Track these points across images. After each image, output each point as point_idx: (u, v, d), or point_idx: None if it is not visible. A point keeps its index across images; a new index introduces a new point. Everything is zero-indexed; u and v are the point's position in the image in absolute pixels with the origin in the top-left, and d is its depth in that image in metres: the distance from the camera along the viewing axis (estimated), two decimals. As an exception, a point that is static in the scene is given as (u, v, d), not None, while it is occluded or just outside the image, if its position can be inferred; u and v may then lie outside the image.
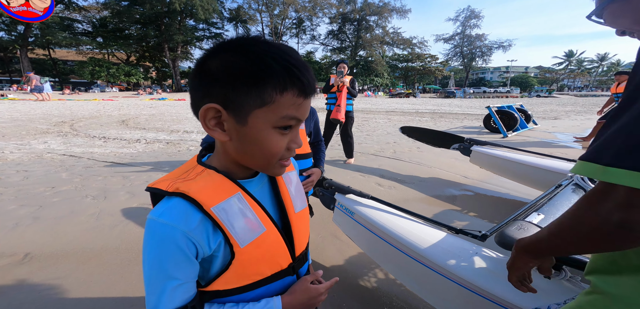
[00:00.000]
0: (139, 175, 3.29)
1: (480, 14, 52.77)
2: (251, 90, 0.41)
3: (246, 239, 0.46)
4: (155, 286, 0.42)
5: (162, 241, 0.41)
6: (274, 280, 0.50)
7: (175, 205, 0.42)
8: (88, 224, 2.09)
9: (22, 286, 1.44)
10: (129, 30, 39.76)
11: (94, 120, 8.17)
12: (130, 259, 1.69)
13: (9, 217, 2.17)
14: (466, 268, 1.00)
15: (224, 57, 0.42)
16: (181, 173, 0.47)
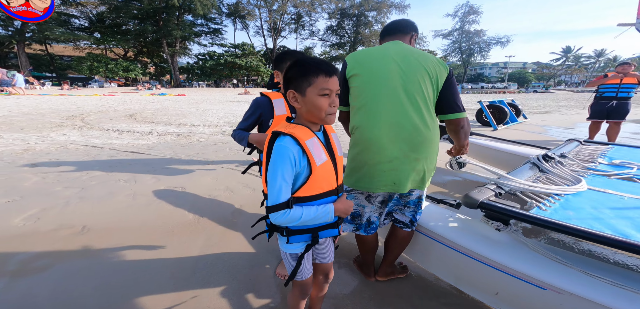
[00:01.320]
0: (159, 162, 3.61)
1: (479, 10, 52.90)
2: (303, 79, 0.83)
3: (318, 161, 0.85)
4: (276, 183, 0.80)
5: (283, 156, 0.80)
6: (327, 196, 0.89)
7: (289, 139, 0.82)
8: (126, 203, 2.42)
9: (86, 251, 1.76)
10: (127, 26, 39.51)
11: (102, 114, 8.43)
12: (168, 230, 2.01)
13: (58, 197, 2.49)
14: (443, 228, 1.33)
15: (291, 70, 0.86)
16: (285, 126, 0.86)
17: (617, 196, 1.21)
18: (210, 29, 46.23)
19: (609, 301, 0.83)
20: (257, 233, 1.04)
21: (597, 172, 1.54)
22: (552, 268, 0.98)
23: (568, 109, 11.96)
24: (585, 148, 2.10)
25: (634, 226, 0.95)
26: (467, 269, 1.22)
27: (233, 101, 15.02)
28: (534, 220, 1.00)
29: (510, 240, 1.14)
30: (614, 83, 4.03)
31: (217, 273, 1.59)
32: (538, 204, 1.15)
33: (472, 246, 1.19)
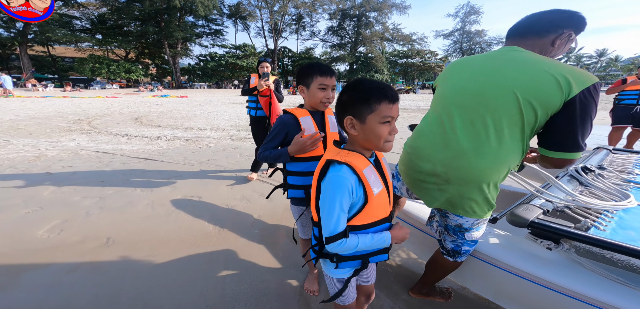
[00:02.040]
0: (173, 170, 3.57)
1: (480, 10, 52.83)
2: (364, 105, 0.78)
3: (375, 190, 0.81)
4: (334, 213, 0.77)
5: (341, 186, 0.77)
6: (382, 223, 0.85)
7: (346, 168, 0.78)
8: (146, 213, 2.38)
9: (115, 264, 1.73)
10: (129, 27, 39.56)
11: (108, 118, 8.40)
12: (190, 243, 1.98)
13: (78, 207, 2.46)
14: (483, 245, 1.26)
15: (349, 93, 0.80)
16: (338, 153, 0.82)
17: (672, 212, 1.17)
18: (211, 30, 46.27)
19: None
20: (304, 262, 1.00)
21: (638, 184, 1.50)
22: (614, 290, 0.95)
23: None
24: (616, 157, 2.06)
25: None
26: (510, 287, 1.18)
27: (236, 103, 14.99)
28: (597, 243, 0.96)
29: (564, 260, 1.10)
30: (635, 89, 3.70)
31: (245, 286, 1.56)
32: (593, 223, 1.10)
33: (521, 265, 1.14)
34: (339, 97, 0.84)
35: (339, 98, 0.84)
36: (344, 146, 0.87)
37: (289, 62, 53.31)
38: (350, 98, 0.79)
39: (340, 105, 0.83)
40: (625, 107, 3.79)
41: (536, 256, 1.15)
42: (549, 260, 1.12)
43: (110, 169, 3.52)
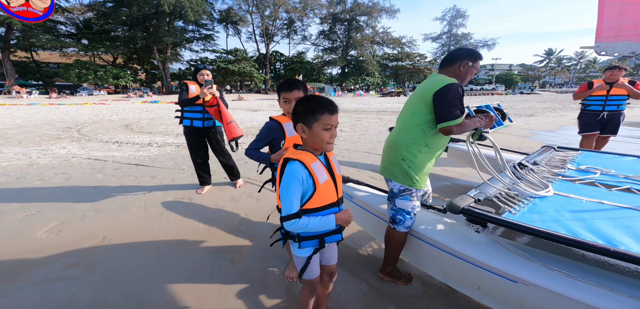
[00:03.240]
0: (164, 174, 3.73)
1: (466, 14, 54.50)
2: (310, 115, 1.02)
3: (321, 180, 1.04)
4: (288, 198, 1.00)
5: (293, 177, 1.00)
6: (330, 207, 1.08)
7: (297, 163, 1.02)
8: (139, 214, 2.55)
9: (112, 259, 1.90)
10: (116, 32, 38.90)
11: (97, 125, 8.41)
12: (182, 239, 2.17)
13: (74, 210, 2.60)
14: (431, 231, 1.50)
15: (301, 106, 1.05)
16: (294, 152, 1.05)
17: (577, 199, 1.44)
18: (201, 35, 46.02)
19: (564, 290, 1.02)
20: (273, 241, 1.22)
21: (564, 178, 1.78)
22: (521, 264, 1.17)
23: (552, 111, 12.53)
24: (558, 154, 2.36)
25: (585, 227, 1.14)
26: (453, 267, 1.40)
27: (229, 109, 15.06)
28: (503, 223, 1.21)
29: (488, 241, 1.33)
30: (601, 95, 3.42)
31: (232, 276, 1.76)
32: (509, 208, 1.36)
33: (457, 246, 1.36)
34: (294, 108, 1.07)
35: (294, 109, 1.07)
36: (300, 147, 1.11)
37: (281, 67, 53.49)
38: (302, 110, 1.03)
39: (295, 114, 1.06)
40: (592, 113, 3.52)
41: (468, 239, 1.37)
42: (476, 241, 1.34)
43: (103, 175, 3.65)
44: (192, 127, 2.92)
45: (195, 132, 2.96)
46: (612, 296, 0.94)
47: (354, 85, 48.93)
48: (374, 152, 4.98)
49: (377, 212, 1.81)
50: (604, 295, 0.95)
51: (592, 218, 1.21)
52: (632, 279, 1.03)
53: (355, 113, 12.39)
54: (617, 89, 3.34)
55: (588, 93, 3.52)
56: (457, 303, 1.55)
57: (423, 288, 1.66)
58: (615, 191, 1.51)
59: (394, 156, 1.53)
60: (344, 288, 1.66)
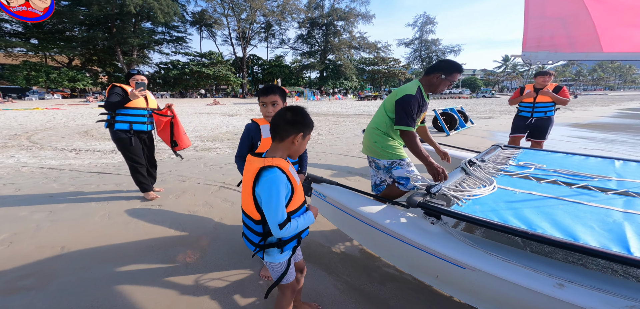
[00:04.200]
0: (131, 181, 3.53)
1: (435, 20, 58.19)
2: (307, 130, 1.12)
3: (297, 181, 1.11)
4: (280, 205, 0.99)
5: (279, 183, 0.99)
6: (303, 206, 1.15)
7: (278, 169, 1.01)
8: (103, 223, 2.42)
9: (73, 270, 1.79)
10: (72, 32, 35.60)
11: (51, 131, 7.68)
12: (151, 245, 2.10)
13: (27, 221, 2.39)
14: (394, 224, 1.59)
15: (302, 118, 1.11)
16: (264, 161, 1.04)
17: (512, 191, 1.67)
18: (172, 37, 43.99)
19: (500, 272, 1.16)
20: (268, 292, 1.18)
21: (506, 173, 2.04)
22: (467, 252, 1.30)
23: (508, 113, 13.84)
24: (503, 151, 2.68)
25: (514, 215, 1.33)
26: (415, 258, 1.51)
27: (201, 113, 14.56)
28: (451, 214, 1.38)
29: (441, 232, 1.45)
30: (529, 101, 3.62)
31: (207, 279, 1.76)
32: (457, 201, 1.54)
33: (416, 238, 1.47)
34: (293, 117, 1.07)
35: (293, 118, 1.07)
36: (265, 154, 1.09)
37: (258, 70, 52.73)
38: (302, 123, 1.09)
39: (293, 123, 1.07)
40: (522, 118, 3.74)
41: (425, 230, 1.48)
42: (432, 232, 1.45)
43: (59, 184, 3.38)
44: (132, 130, 2.80)
45: (137, 135, 2.88)
46: (534, 275, 1.10)
47: (332, 89, 49.69)
48: (349, 154, 5.16)
49: (349, 210, 1.90)
50: (528, 275, 1.11)
51: (522, 207, 1.42)
52: (549, 259, 1.22)
53: (333, 116, 12.64)
54: (542, 97, 3.50)
55: (520, 99, 3.72)
56: (429, 297, 1.70)
57: (395, 283, 1.78)
58: (543, 183, 1.77)
59: (368, 140, 2.02)
60: (320, 284, 1.74)
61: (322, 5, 50.25)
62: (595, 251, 1.02)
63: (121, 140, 2.80)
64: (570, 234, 1.13)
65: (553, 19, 1.76)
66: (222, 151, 5.48)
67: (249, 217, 1.10)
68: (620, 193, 1.57)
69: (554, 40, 1.76)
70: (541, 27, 1.79)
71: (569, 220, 1.26)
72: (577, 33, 1.65)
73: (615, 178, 1.83)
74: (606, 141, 6.59)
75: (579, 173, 1.92)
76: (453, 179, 1.88)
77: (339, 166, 4.43)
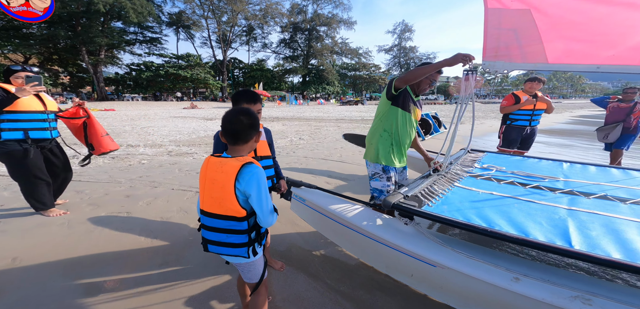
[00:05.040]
0: (94, 188, 3.30)
1: (412, 28, 60.90)
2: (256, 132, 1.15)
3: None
4: (267, 194, 1.07)
5: (263, 176, 1.08)
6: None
7: (256, 165, 1.07)
8: (61, 232, 2.23)
9: (26, 283, 1.63)
10: (30, 29, 32.53)
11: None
12: (118, 255, 1.97)
13: None
14: (371, 226, 1.64)
15: (255, 120, 1.16)
16: (242, 159, 1.07)
17: (475, 192, 1.79)
18: (146, 37, 41.72)
19: (465, 269, 1.23)
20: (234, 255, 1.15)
21: (471, 175, 2.19)
22: (437, 250, 1.36)
23: (476, 119, 14.79)
24: (470, 155, 2.87)
25: (476, 213, 1.42)
26: (391, 258, 1.55)
27: (177, 117, 13.95)
28: (421, 214, 1.45)
29: (414, 231, 1.52)
30: (529, 109, 3.35)
31: (181, 286, 1.69)
32: (428, 202, 1.63)
33: (391, 238, 1.52)
34: (250, 121, 1.11)
35: (251, 122, 1.12)
36: (231, 156, 1.10)
37: (239, 74, 51.74)
38: (257, 124, 1.16)
39: (252, 126, 1.13)
40: (518, 128, 3.44)
41: (399, 231, 1.54)
42: (405, 233, 1.52)
43: (10, 193, 3.06)
44: (29, 139, 2.29)
45: (37, 144, 2.37)
46: (493, 270, 1.20)
47: (314, 94, 50.02)
48: (330, 159, 5.21)
49: (328, 213, 1.91)
50: (489, 270, 1.20)
51: (483, 207, 1.54)
52: (508, 255, 1.33)
53: (315, 121, 12.71)
54: (540, 103, 3.31)
55: (516, 107, 3.37)
56: (405, 297, 1.76)
57: (374, 284, 1.82)
58: (502, 184, 1.93)
59: (368, 143, 2.04)
60: (301, 288, 1.74)
61: (305, 11, 50.74)
62: (542, 245, 1.13)
63: (10, 154, 2.22)
64: (523, 230, 1.25)
65: (507, 30, 1.93)
66: (199, 156, 5.29)
67: (229, 219, 1.07)
68: (566, 192, 1.75)
69: (509, 51, 1.94)
70: (498, 38, 1.96)
71: (522, 217, 1.38)
72: (527, 44, 1.84)
73: (562, 178, 2.04)
74: (562, 145, 7.29)
75: (532, 175, 2.11)
76: (425, 181, 1.98)
77: (319, 170, 4.46)
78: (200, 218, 1.15)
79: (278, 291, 1.71)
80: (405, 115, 1.92)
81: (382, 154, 1.93)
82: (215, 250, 1.13)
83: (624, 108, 4.08)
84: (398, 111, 1.90)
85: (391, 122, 1.92)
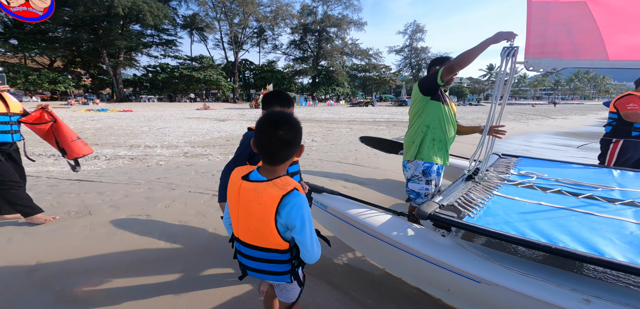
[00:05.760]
0: (115, 189, 3.33)
1: (424, 28, 59.38)
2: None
3: None
4: (311, 229, 0.89)
5: (306, 205, 0.89)
6: None
7: (298, 192, 0.88)
8: (83, 234, 2.22)
9: (50, 289, 1.61)
10: (55, 33, 34.24)
11: (27, 135, 7.21)
12: (139, 259, 1.93)
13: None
14: (402, 236, 1.53)
15: (299, 134, 0.96)
16: (287, 180, 0.90)
17: (521, 202, 1.63)
18: (162, 40, 43.05)
19: (520, 287, 1.10)
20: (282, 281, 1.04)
21: (509, 182, 2.02)
22: (482, 265, 1.24)
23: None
24: (502, 160, 2.68)
25: (529, 227, 1.28)
26: (423, 271, 1.44)
27: (191, 118, 14.20)
28: (464, 226, 1.32)
29: (452, 244, 1.40)
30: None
31: (202, 295, 1.63)
32: (468, 213, 1.49)
33: (425, 250, 1.41)
34: (293, 137, 0.91)
35: (294, 138, 0.91)
36: (266, 177, 0.91)
37: (250, 75, 52.44)
38: (300, 137, 0.95)
39: (294, 142, 0.92)
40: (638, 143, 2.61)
41: (435, 243, 1.42)
42: (443, 245, 1.40)
43: (35, 193, 3.12)
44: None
45: (1, 149, 2.26)
46: (558, 290, 1.05)
47: (324, 95, 49.97)
48: (345, 162, 5.09)
49: (353, 222, 1.81)
50: (552, 290, 1.05)
51: (534, 219, 1.38)
52: (571, 273, 1.17)
53: (327, 123, 12.62)
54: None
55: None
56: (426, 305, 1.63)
57: (402, 297, 1.69)
58: (549, 193, 1.75)
59: (406, 144, 1.95)
60: (323, 299, 1.64)
61: (315, 12, 50.74)
62: (628, 267, 0.97)
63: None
64: (594, 248, 1.09)
65: (557, 25, 1.75)
66: (214, 157, 5.29)
67: (271, 251, 0.93)
68: (627, 203, 1.56)
69: (558, 47, 1.76)
70: (544, 34, 1.78)
71: (586, 232, 1.22)
72: (582, 40, 1.65)
73: (617, 187, 1.84)
74: (592, 149, 6.84)
75: (581, 183, 1.92)
76: (458, 189, 1.83)
77: (335, 173, 4.35)
78: (236, 245, 1.01)
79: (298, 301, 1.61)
80: (445, 108, 1.84)
81: (424, 152, 1.83)
82: (255, 275, 1.02)
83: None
84: (438, 105, 1.81)
85: (432, 118, 1.82)
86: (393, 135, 9.15)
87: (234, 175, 0.96)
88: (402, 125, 12.44)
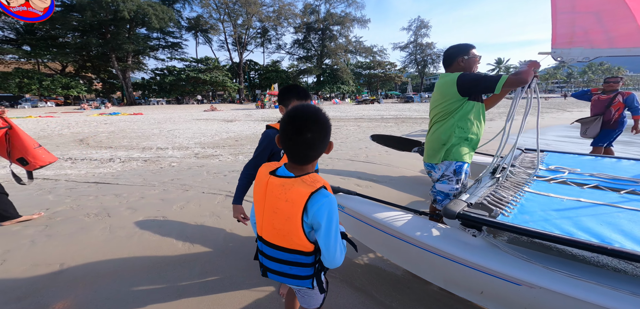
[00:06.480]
0: (131, 191, 3.35)
1: (429, 24, 58.26)
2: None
3: None
4: (336, 232, 0.84)
5: (335, 206, 0.84)
6: None
7: (326, 190, 0.84)
8: (103, 237, 2.23)
9: (74, 290, 1.61)
10: (65, 38, 35.13)
11: (44, 140, 7.42)
12: (159, 261, 1.93)
13: (20, 236, 2.20)
14: (427, 237, 1.45)
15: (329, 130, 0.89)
16: (315, 177, 0.85)
17: (559, 199, 1.54)
18: (168, 42, 43.69)
19: (569, 290, 1.02)
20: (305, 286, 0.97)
21: (539, 178, 1.92)
22: (522, 266, 1.16)
23: (504, 115, 13.84)
24: (527, 155, 2.56)
25: (574, 225, 1.20)
26: (453, 273, 1.36)
27: (200, 119, 14.34)
28: (503, 227, 1.24)
29: (485, 244, 1.32)
30: None
31: (221, 297, 1.60)
32: (502, 211, 1.41)
33: (455, 251, 1.33)
34: (322, 135, 0.85)
35: (323, 135, 0.85)
36: (293, 173, 0.86)
37: (255, 75, 52.68)
38: (329, 132, 0.88)
39: (323, 140, 0.86)
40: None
41: (465, 243, 1.35)
42: (474, 245, 1.32)
43: (55, 196, 3.18)
44: None
45: None
46: (615, 294, 0.96)
47: (329, 94, 49.77)
48: (356, 160, 5.02)
49: (373, 222, 1.75)
50: (608, 294, 0.96)
51: (577, 216, 1.29)
52: (628, 277, 1.08)
53: (334, 121, 12.55)
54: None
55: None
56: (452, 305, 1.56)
57: (429, 299, 1.63)
58: (586, 189, 1.65)
59: (434, 145, 1.81)
60: (346, 302, 1.59)
61: (318, 10, 50.51)
62: None
63: None
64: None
65: (585, 13, 1.64)
66: (224, 158, 5.30)
67: (294, 252, 0.88)
68: (675, 198, 1.45)
69: (588, 36, 1.64)
70: (572, 23, 1.67)
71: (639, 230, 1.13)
72: (614, 27, 1.54)
73: (658, 181, 1.72)
74: (622, 143, 6.56)
75: (618, 177, 1.81)
76: (484, 187, 1.75)
77: (347, 171, 4.28)
78: (259, 244, 0.97)
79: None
80: (482, 107, 1.78)
81: (457, 152, 1.75)
82: (275, 278, 0.97)
83: (603, 100, 3.66)
84: (476, 104, 1.72)
85: (467, 117, 1.73)
86: (402, 132, 9.01)
87: (261, 171, 0.92)
88: (411, 121, 12.25)
